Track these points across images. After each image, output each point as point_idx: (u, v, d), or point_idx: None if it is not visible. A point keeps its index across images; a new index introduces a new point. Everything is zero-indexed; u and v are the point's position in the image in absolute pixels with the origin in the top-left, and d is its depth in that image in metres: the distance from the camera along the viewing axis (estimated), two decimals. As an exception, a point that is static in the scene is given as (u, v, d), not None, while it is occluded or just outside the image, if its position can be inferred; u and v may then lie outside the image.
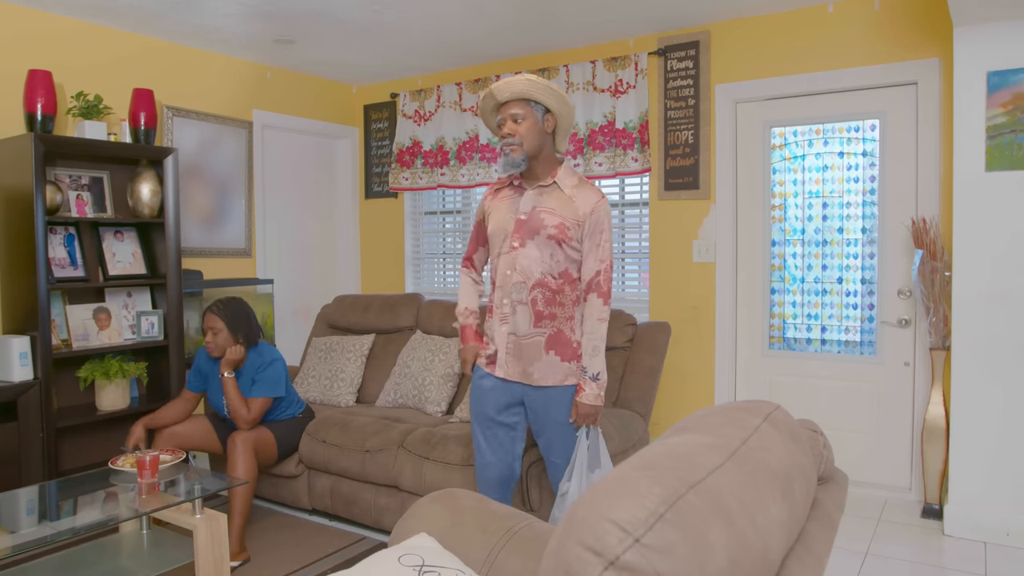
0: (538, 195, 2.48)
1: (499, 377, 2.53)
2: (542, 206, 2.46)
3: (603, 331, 2.46)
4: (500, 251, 2.50)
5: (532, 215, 2.46)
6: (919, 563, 2.94)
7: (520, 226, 2.46)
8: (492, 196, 2.59)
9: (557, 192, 2.47)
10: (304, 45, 4.38)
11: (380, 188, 5.36)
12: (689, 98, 4.09)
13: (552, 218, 2.44)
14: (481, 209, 2.64)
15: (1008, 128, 3.05)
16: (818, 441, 1.44)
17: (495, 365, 2.53)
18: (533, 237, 2.45)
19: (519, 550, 1.40)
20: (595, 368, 2.47)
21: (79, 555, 2.60)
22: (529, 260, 2.44)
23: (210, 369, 3.27)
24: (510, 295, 2.47)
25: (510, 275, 2.46)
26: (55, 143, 3.42)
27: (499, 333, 2.50)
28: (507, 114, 2.41)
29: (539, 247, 2.44)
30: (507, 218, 2.49)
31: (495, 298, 2.52)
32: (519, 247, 2.45)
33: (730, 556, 0.89)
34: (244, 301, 3.25)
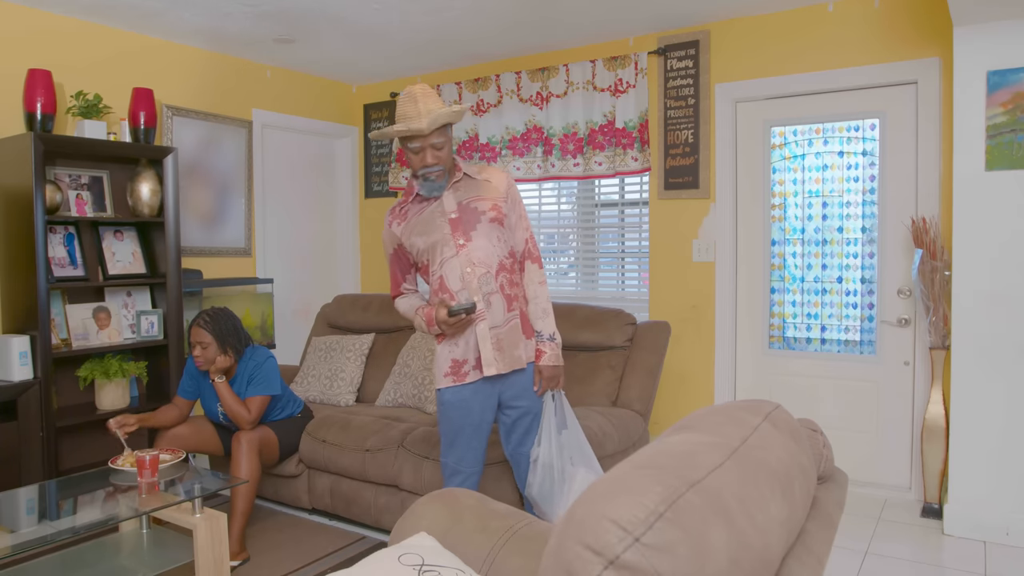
0: (456, 192, 2.50)
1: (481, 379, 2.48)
2: (467, 198, 2.49)
3: (547, 293, 2.61)
4: (443, 258, 2.46)
5: (463, 209, 2.47)
6: (919, 562, 2.95)
7: (457, 224, 2.45)
8: (400, 220, 2.54)
9: (470, 181, 2.53)
10: (304, 44, 4.38)
11: (380, 187, 5.36)
12: (689, 97, 4.09)
13: (484, 203, 2.49)
14: (392, 238, 2.57)
15: (1008, 127, 3.05)
16: (818, 440, 1.44)
17: (478, 369, 2.48)
18: (475, 227, 2.45)
19: (519, 549, 1.40)
20: (549, 329, 2.57)
21: (79, 554, 2.60)
22: (482, 251, 2.45)
23: (201, 376, 3.23)
24: (480, 290, 2.43)
25: (472, 271, 2.43)
26: (55, 142, 3.42)
27: (479, 334, 2.45)
28: (428, 144, 2.39)
29: (485, 235, 2.46)
30: (436, 225, 2.47)
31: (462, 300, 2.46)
32: (465, 243, 2.44)
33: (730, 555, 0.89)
34: (229, 311, 3.20)
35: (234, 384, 3.16)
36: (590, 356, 3.48)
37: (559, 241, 4.75)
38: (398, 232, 2.54)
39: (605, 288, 4.56)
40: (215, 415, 3.24)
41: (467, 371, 2.48)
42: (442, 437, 2.59)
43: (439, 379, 2.52)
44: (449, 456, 2.57)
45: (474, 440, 2.54)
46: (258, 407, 3.11)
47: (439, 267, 2.47)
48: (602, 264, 4.57)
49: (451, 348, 2.50)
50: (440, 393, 2.54)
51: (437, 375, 2.54)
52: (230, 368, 3.15)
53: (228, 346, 3.11)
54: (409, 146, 2.40)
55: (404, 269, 2.62)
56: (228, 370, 3.16)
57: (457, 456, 2.55)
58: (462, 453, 2.54)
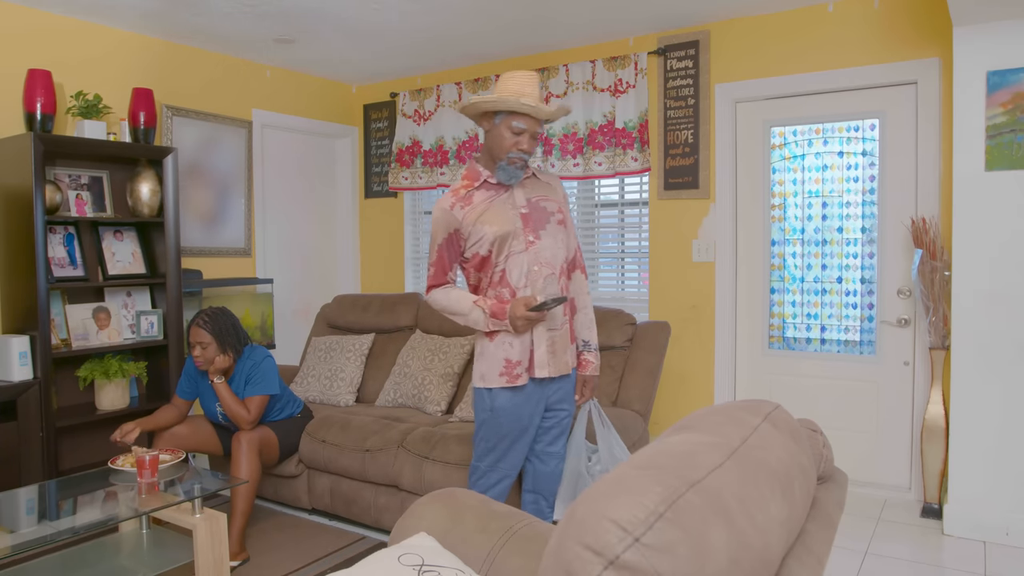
0: (524, 188, 2.47)
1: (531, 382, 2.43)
2: (535, 196, 2.46)
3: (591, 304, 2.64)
4: (511, 251, 2.38)
5: (532, 206, 2.43)
6: (919, 562, 2.95)
7: (527, 220, 2.40)
8: (465, 204, 2.41)
9: (536, 180, 2.51)
10: (304, 44, 4.38)
11: (380, 188, 5.36)
12: (689, 97, 4.09)
13: (551, 204, 2.47)
14: (450, 222, 2.40)
15: (1008, 128, 3.05)
16: (818, 440, 1.44)
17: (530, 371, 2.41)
18: (544, 226, 2.42)
19: (519, 549, 1.40)
20: (595, 340, 2.60)
21: (79, 554, 2.60)
22: (549, 251, 2.41)
23: (200, 376, 3.23)
24: (544, 290, 2.39)
25: (538, 270, 2.38)
26: (54, 142, 3.42)
27: (536, 335, 2.39)
28: (534, 130, 2.36)
29: (552, 236, 2.43)
30: (508, 216, 2.39)
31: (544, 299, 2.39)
32: (535, 240, 2.39)
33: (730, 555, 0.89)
34: (228, 311, 3.20)
35: (232, 383, 3.16)
36: (590, 356, 3.48)
37: (559, 241, 4.75)
38: (459, 216, 2.38)
39: (605, 288, 4.56)
40: (214, 415, 3.24)
41: (519, 372, 2.41)
42: (483, 440, 2.49)
43: (490, 379, 2.42)
44: (487, 459, 2.49)
45: (521, 444, 2.48)
46: (257, 407, 3.11)
47: (504, 260, 2.38)
48: (602, 264, 4.57)
49: (506, 348, 2.40)
50: (490, 395, 2.43)
51: (487, 374, 2.42)
52: (229, 368, 3.15)
53: (227, 346, 3.11)
54: (512, 124, 2.33)
55: (454, 257, 2.47)
56: (227, 370, 3.16)
57: (500, 460, 2.47)
58: (509, 458, 2.47)
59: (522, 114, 2.33)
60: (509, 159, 2.36)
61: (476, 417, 2.51)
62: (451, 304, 2.43)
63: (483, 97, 2.34)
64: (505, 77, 2.37)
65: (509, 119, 2.33)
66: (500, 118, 2.36)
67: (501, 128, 2.35)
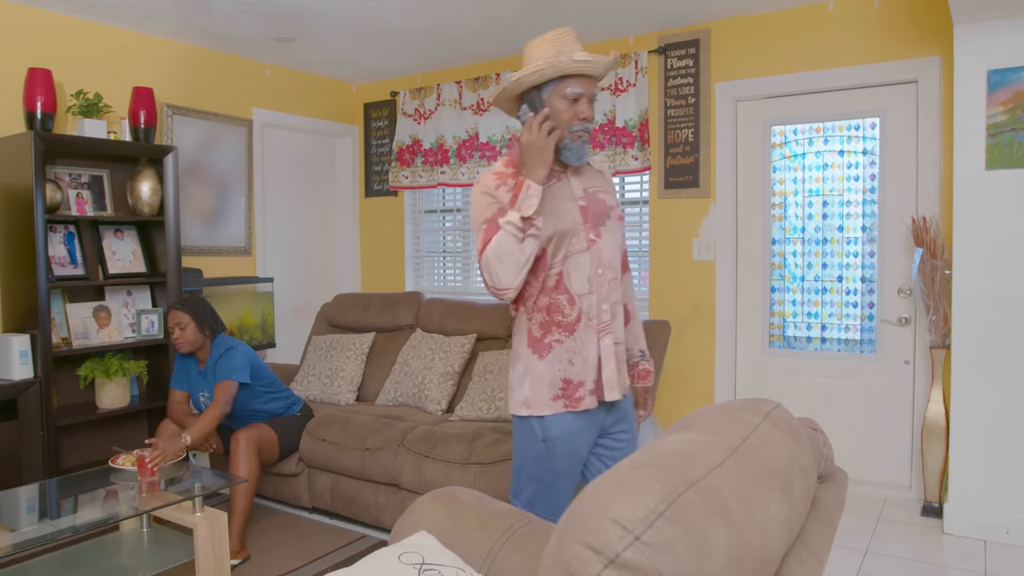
0: (579, 175, 2.06)
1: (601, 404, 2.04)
2: (592, 186, 2.07)
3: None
4: (570, 251, 1.98)
5: (590, 198, 2.04)
6: (919, 561, 2.95)
7: (587, 214, 2.01)
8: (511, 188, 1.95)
9: (589, 168, 2.13)
10: (304, 43, 4.38)
11: (380, 186, 5.36)
12: (689, 96, 4.08)
13: (608, 197, 2.11)
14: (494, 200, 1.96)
15: (1008, 126, 3.05)
16: (818, 439, 1.44)
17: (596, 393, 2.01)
18: (604, 223, 2.05)
19: (519, 548, 1.40)
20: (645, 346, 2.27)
21: (79, 553, 2.60)
22: (609, 252, 2.04)
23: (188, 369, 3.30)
24: (608, 298, 2.02)
25: (602, 274, 2.01)
26: (55, 141, 3.42)
27: (603, 349, 2.00)
28: (591, 93, 1.96)
29: (611, 234, 2.06)
30: (565, 209, 1.98)
31: (584, 307, 1.99)
32: (596, 239, 2.01)
33: (730, 554, 0.89)
34: (203, 298, 3.31)
35: (207, 371, 3.19)
36: (590, 355, 3.47)
37: (559, 240, 4.75)
38: (505, 200, 1.94)
39: (605, 287, 4.56)
40: (199, 407, 3.30)
41: (582, 395, 1.99)
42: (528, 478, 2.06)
43: (539, 405, 1.99)
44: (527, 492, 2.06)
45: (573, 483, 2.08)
46: (223, 393, 3.07)
47: (561, 262, 1.98)
48: (602, 263, 4.57)
49: (564, 366, 1.98)
50: (541, 423, 2.00)
51: (534, 400, 2.00)
52: (203, 347, 3.20)
53: (204, 325, 3.18)
54: (566, 92, 1.92)
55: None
56: (201, 349, 3.20)
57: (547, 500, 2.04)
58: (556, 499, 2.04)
59: (575, 75, 1.92)
60: (572, 134, 1.95)
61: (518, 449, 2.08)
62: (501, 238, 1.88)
63: (523, 72, 1.91)
64: (534, 45, 1.96)
65: (560, 87, 1.92)
66: (548, 90, 1.93)
67: (552, 101, 1.93)
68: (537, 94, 1.96)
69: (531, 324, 2.02)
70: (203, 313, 3.19)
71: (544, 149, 1.88)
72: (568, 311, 1.98)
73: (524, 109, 1.98)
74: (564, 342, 1.98)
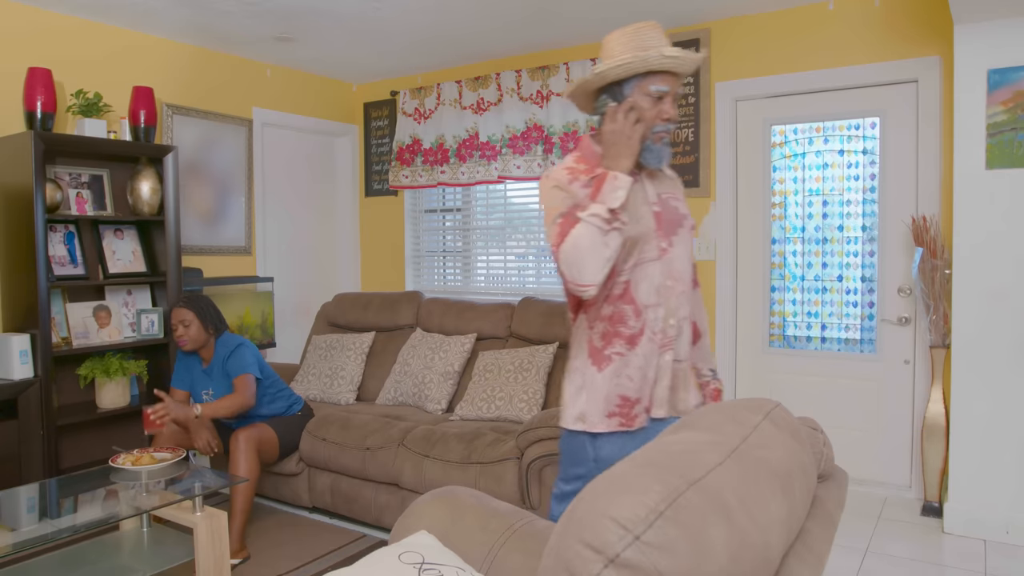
0: (652, 178, 1.92)
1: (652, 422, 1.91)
2: (665, 191, 1.94)
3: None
4: (640, 259, 1.85)
5: (663, 204, 1.91)
6: (919, 561, 2.95)
7: (660, 220, 1.88)
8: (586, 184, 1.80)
9: (663, 174, 1.98)
10: (304, 43, 4.38)
11: (380, 186, 5.36)
12: (689, 96, 4.08)
13: (681, 204, 1.97)
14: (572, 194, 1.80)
15: (1008, 126, 3.05)
16: (818, 439, 1.44)
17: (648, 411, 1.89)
18: (677, 231, 1.91)
19: (519, 547, 1.40)
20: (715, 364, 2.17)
21: (80, 553, 2.60)
22: (680, 263, 1.91)
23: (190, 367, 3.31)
24: (677, 312, 1.89)
25: (672, 286, 1.88)
26: (55, 141, 3.42)
27: (661, 364, 1.88)
28: (675, 92, 1.85)
29: (683, 244, 1.93)
30: (640, 213, 1.85)
31: (649, 320, 1.86)
32: (668, 248, 1.88)
33: (730, 553, 0.89)
34: (206, 296, 3.32)
35: (212, 368, 3.19)
36: (590, 355, 3.48)
37: (559, 240, 4.75)
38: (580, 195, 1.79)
39: (605, 287, 4.56)
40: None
41: (638, 413, 1.88)
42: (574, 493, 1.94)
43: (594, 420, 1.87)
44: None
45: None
46: (245, 386, 3.10)
47: (631, 270, 1.84)
48: (602, 263, 4.57)
49: (624, 382, 1.86)
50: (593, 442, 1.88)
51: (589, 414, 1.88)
52: (207, 345, 3.21)
53: (208, 323, 3.19)
54: (651, 89, 1.80)
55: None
56: (204, 347, 3.21)
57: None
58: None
59: (661, 72, 1.81)
60: (654, 135, 1.84)
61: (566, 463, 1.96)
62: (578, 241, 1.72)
63: (607, 65, 1.78)
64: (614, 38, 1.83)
65: (645, 83, 1.80)
66: (631, 86, 1.81)
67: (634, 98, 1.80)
68: (619, 89, 1.83)
69: (592, 334, 1.89)
70: (207, 311, 3.20)
71: (631, 138, 1.77)
72: (632, 322, 1.85)
73: (605, 99, 1.85)
74: (625, 355, 1.86)
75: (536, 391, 3.35)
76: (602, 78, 1.82)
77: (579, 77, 1.82)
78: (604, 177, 1.75)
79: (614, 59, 1.80)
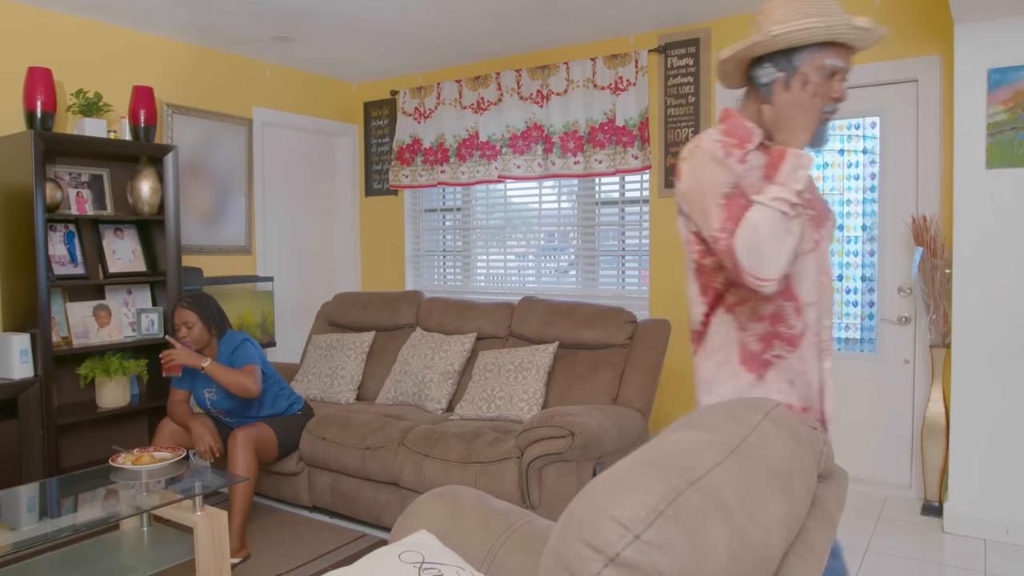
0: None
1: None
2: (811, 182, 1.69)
3: None
4: (800, 248, 1.62)
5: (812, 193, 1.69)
6: (919, 560, 2.95)
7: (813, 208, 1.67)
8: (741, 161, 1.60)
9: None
10: (304, 42, 4.38)
11: (380, 185, 5.36)
12: (689, 95, 4.08)
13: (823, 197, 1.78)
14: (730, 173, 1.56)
15: (1009, 125, 3.05)
16: (818, 438, 1.43)
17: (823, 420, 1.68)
18: (824, 224, 1.70)
19: (519, 547, 1.40)
20: None
21: (80, 552, 2.60)
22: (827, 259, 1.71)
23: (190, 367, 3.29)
24: (830, 311, 1.70)
25: (824, 283, 1.68)
26: (55, 141, 3.42)
27: (824, 372, 1.67)
28: (846, 69, 1.65)
29: (828, 240, 1.72)
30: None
31: (809, 321, 1.64)
32: (819, 241, 1.67)
33: (730, 553, 0.89)
34: (209, 294, 3.31)
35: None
36: (590, 354, 3.48)
37: (559, 239, 4.75)
38: (738, 170, 1.58)
39: (605, 286, 4.56)
40: (203, 403, 3.30)
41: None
42: None
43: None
44: None
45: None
46: (253, 373, 3.13)
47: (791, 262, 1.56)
48: (602, 262, 4.57)
49: (783, 386, 1.63)
50: None
51: None
52: (209, 345, 3.21)
53: (212, 324, 3.19)
54: (825, 63, 1.59)
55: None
56: (207, 347, 3.22)
57: None
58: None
59: (838, 45, 1.60)
60: (821, 115, 1.63)
61: None
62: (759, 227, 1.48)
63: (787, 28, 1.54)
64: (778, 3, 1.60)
65: (819, 55, 1.58)
66: (802, 57, 1.58)
67: (805, 71, 1.59)
68: (786, 60, 1.60)
69: (745, 336, 1.64)
70: (210, 312, 3.19)
71: (811, 111, 1.56)
72: (794, 322, 1.62)
73: (771, 70, 1.62)
74: (785, 358, 1.63)
75: (536, 390, 3.35)
76: (775, 42, 1.57)
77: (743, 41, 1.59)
78: (781, 154, 1.53)
79: (787, 24, 1.56)
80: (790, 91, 1.58)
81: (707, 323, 1.70)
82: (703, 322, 1.70)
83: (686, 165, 1.61)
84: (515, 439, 2.92)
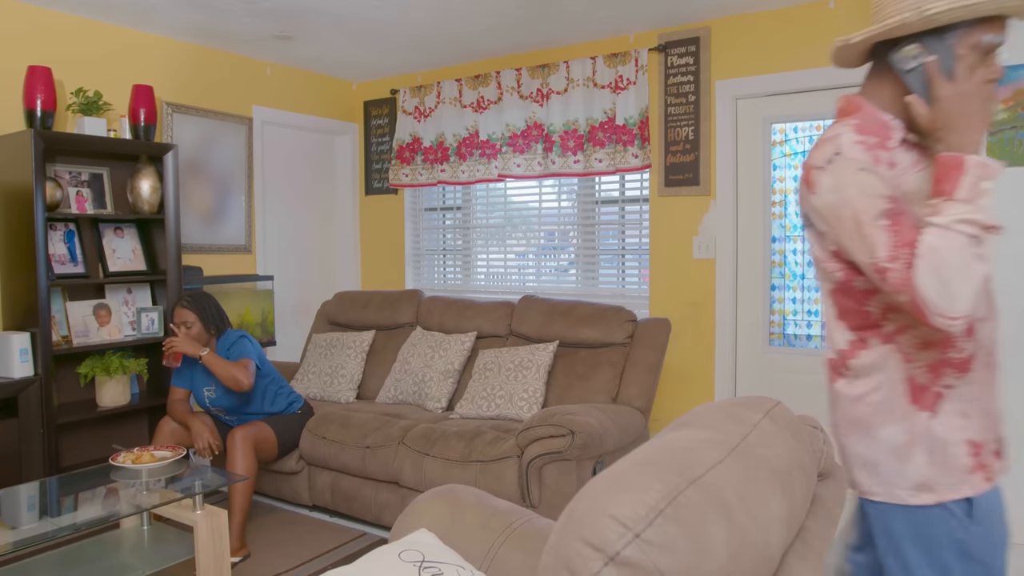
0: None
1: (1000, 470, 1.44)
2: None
3: None
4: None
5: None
6: (919, 559, 2.94)
7: None
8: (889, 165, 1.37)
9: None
10: (304, 41, 4.38)
11: (380, 184, 5.36)
12: (689, 94, 4.08)
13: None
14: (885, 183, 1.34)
15: (1009, 124, 3.05)
16: (818, 437, 1.43)
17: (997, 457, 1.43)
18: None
19: (519, 546, 1.40)
20: None
21: (80, 551, 2.60)
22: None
23: (192, 363, 3.31)
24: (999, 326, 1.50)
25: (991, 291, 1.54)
26: (55, 139, 3.42)
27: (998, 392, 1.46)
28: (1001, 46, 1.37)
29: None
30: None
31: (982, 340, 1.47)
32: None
33: (730, 551, 0.89)
34: (209, 293, 3.33)
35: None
36: (590, 353, 3.48)
37: (559, 238, 4.75)
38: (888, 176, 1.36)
39: (605, 285, 4.56)
40: (202, 401, 3.31)
41: (989, 461, 1.41)
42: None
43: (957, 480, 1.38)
44: None
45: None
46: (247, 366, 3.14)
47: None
48: (602, 261, 4.57)
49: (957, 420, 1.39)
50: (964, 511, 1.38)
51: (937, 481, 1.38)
52: (208, 345, 3.23)
53: (211, 324, 3.21)
54: (983, 41, 1.32)
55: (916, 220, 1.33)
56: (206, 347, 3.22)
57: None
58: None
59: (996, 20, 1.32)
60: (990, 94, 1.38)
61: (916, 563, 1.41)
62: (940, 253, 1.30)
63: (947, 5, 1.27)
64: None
65: (975, 32, 1.32)
66: (954, 36, 1.32)
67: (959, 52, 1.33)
68: (937, 40, 1.33)
69: (911, 368, 1.40)
70: (209, 312, 3.20)
71: (988, 102, 1.33)
72: (964, 344, 1.41)
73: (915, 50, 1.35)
74: (955, 387, 1.40)
75: (536, 389, 3.36)
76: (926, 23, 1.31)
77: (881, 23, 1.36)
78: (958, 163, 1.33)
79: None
80: (956, 81, 1.33)
81: (853, 354, 1.45)
82: (847, 352, 1.46)
83: (826, 177, 1.36)
84: (515, 438, 2.92)
